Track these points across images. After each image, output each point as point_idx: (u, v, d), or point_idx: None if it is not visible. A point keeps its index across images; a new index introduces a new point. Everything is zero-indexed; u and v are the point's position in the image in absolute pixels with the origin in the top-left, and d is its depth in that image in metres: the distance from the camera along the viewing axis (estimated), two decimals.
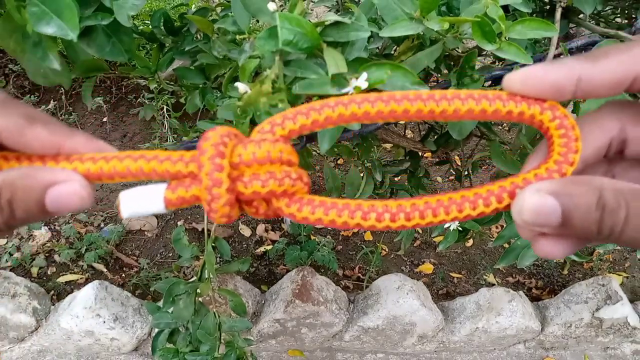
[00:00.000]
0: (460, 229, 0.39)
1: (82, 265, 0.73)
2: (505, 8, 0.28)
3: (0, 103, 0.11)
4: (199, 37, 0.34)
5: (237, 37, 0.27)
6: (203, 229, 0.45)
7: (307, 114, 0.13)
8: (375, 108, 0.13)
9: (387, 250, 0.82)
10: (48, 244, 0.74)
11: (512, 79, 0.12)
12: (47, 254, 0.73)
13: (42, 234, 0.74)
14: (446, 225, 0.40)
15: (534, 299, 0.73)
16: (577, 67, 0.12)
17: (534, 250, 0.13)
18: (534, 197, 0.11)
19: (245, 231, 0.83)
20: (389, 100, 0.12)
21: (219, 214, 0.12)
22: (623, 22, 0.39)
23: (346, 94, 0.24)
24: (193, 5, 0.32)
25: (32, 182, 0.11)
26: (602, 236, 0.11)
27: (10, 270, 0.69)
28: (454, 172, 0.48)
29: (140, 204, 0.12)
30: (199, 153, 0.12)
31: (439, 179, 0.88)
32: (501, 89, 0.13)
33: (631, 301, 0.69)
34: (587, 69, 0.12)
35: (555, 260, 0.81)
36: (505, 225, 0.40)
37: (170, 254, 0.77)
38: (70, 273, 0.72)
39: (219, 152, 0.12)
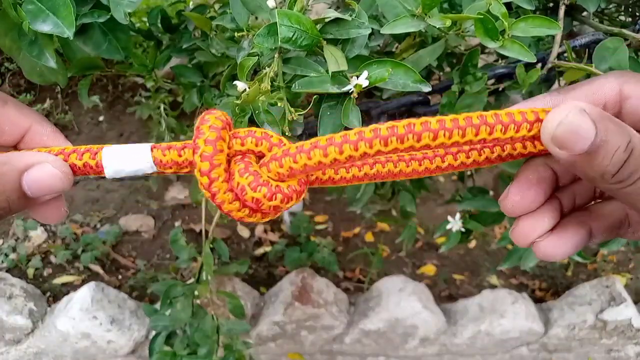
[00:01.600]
0: (463, 230, 0.39)
1: (79, 267, 0.72)
2: (508, 5, 0.28)
3: None
4: (196, 34, 0.33)
5: (236, 34, 0.27)
6: (201, 230, 0.44)
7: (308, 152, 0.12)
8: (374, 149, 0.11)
9: (388, 251, 0.82)
10: (44, 245, 0.73)
11: None
12: (43, 255, 0.73)
13: (37, 234, 0.74)
14: (448, 227, 0.39)
15: (537, 300, 0.73)
16: (549, 101, 0.12)
17: (536, 254, 0.13)
18: (577, 116, 0.11)
19: (244, 232, 0.82)
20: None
21: (211, 152, 0.11)
22: (627, 20, 0.39)
23: (347, 92, 0.24)
24: (191, 2, 0.32)
25: (6, 169, 0.11)
26: (617, 179, 0.11)
27: (6, 272, 0.69)
28: (456, 172, 0.47)
29: (126, 161, 0.11)
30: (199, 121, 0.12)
31: (442, 178, 0.87)
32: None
33: (635, 302, 0.68)
34: (558, 102, 0.12)
35: (558, 262, 0.80)
36: (508, 226, 0.40)
37: (168, 256, 0.76)
38: (67, 274, 0.72)
39: (217, 127, 0.11)
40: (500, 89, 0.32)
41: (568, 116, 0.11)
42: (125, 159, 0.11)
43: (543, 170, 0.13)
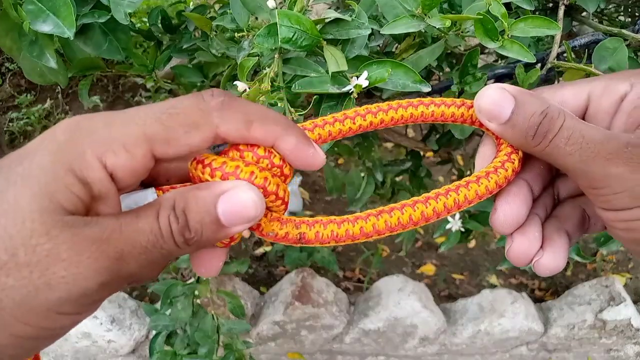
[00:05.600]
0: (462, 229, 0.39)
1: None
2: (508, 5, 0.28)
3: (221, 105, 0.11)
4: (197, 34, 0.33)
5: (236, 34, 0.27)
6: None
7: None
8: (377, 118, 0.14)
9: (388, 251, 0.82)
10: None
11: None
12: None
13: None
14: (448, 226, 0.39)
15: (536, 300, 0.73)
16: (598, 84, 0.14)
17: (537, 271, 0.13)
18: (498, 91, 0.13)
19: (244, 232, 0.82)
20: (387, 109, 0.14)
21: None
22: (626, 20, 0.39)
23: (347, 92, 0.24)
24: (191, 3, 0.32)
25: (204, 193, 0.11)
26: (536, 140, 0.12)
27: None
28: (456, 172, 0.48)
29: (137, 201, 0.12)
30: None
31: (441, 178, 0.87)
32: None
33: (635, 302, 0.68)
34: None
35: None
36: None
37: None
38: None
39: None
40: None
41: (489, 91, 0.13)
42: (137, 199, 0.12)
43: (518, 182, 0.14)
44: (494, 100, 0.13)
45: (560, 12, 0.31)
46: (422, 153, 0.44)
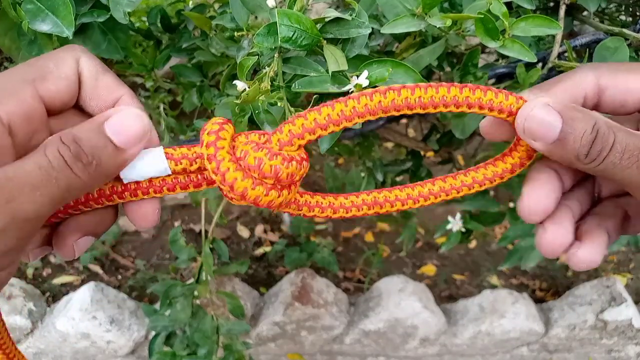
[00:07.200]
0: (463, 230, 0.39)
1: (78, 267, 0.72)
2: (509, 5, 0.28)
3: (83, 51, 0.12)
4: (196, 34, 0.33)
5: (235, 34, 0.27)
6: (200, 230, 0.44)
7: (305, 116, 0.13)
8: (374, 101, 0.13)
9: (388, 251, 0.82)
10: None
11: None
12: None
13: None
14: (448, 227, 0.39)
15: (537, 300, 0.73)
16: (532, 98, 0.13)
17: (572, 264, 0.13)
18: (543, 110, 0.12)
19: (244, 232, 0.82)
20: (385, 92, 0.13)
21: (213, 139, 0.12)
22: (627, 19, 0.39)
23: (347, 92, 0.24)
24: (190, 2, 0.32)
25: (89, 122, 0.11)
26: (590, 158, 0.12)
27: None
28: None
29: (142, 165, 0.12)
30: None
31: None
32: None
33: (636, 302, 0.68)
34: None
35: (558, 261, 0.80)
36: (509, 226, 0.40)
37: (167, 256, 0.76)
38: (66, 274, 0.71)
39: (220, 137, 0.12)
40: (501, 88, 0.32)
41: (534, 110, 0.12)
42: (141, 163, 0.12)
43: (547, 170, 0.14)
44: (540, 121, 0.12)
45: (561, 12, 0.30)
46: (422, 153, 0.44)
